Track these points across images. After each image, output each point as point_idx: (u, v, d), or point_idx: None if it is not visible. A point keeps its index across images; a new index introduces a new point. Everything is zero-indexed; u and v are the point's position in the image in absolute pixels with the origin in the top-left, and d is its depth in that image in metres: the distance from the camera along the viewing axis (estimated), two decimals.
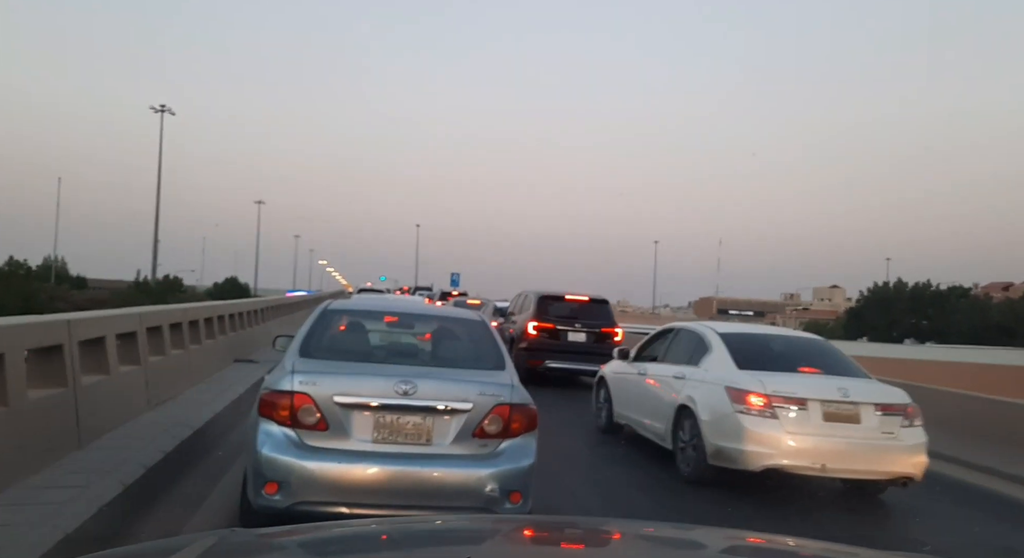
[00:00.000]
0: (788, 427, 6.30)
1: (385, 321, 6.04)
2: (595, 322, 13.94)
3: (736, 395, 6.55)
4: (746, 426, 6.38)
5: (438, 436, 4.39)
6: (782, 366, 7.00)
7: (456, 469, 4.34)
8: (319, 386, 4.33)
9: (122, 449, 5.70)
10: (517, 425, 4.51)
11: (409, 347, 5.86)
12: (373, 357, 5.16)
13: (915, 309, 66.78)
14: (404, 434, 4.37)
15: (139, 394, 7.21)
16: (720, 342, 7.32)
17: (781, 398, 6.38)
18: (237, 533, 1.75)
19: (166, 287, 57.29)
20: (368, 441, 4.31)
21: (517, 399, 4.55)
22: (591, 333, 13.79)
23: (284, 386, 4.34)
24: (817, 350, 7.62)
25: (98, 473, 4.99)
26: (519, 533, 1.94)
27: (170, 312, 8.93)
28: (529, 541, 1.87)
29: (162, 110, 55.16)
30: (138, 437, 6.20)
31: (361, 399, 4.34)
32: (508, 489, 4.37)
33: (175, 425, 6.78)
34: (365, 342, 5.41)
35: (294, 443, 4.26)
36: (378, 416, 4.34)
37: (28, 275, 50.19)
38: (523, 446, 4.52)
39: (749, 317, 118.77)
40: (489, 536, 1.89)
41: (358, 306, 6.22)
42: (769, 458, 6.30)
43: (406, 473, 4.27)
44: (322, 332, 5.12)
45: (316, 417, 4.29)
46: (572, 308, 14.16)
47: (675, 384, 7.48)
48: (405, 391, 4.35)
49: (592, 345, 13.59)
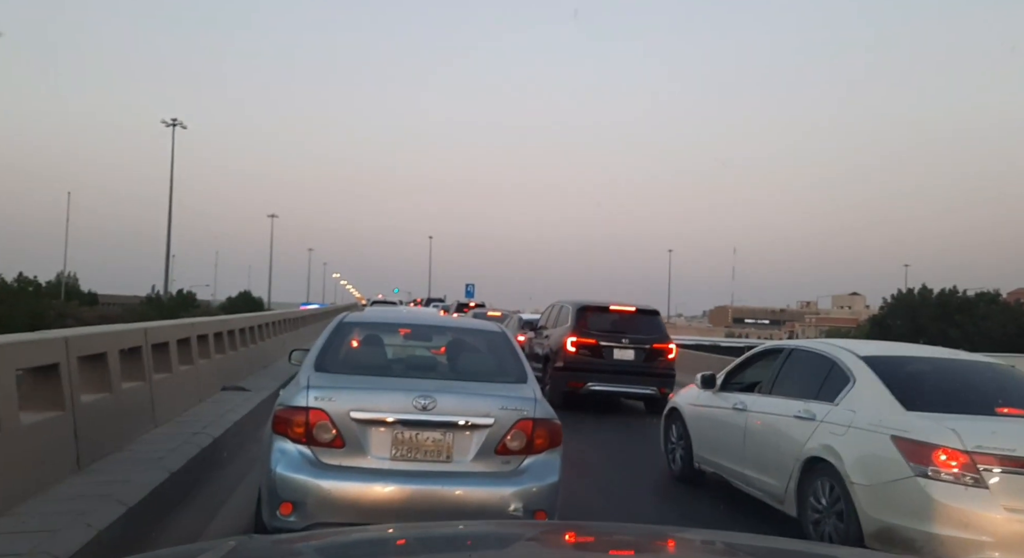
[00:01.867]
0: (1006, 501, 4.32)
1: (402, 333, 5.91)
2: (645, 336, 12.18)
3: (913, 450, 4.55)
4: (935, 498, 4.37)
5: (459, 453, 4.25)
6: (970, 406, 4.99)
7: (478, 487, 4.19)
8: (335, 402, 4.19)
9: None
10: (541, 441, 4.34)
11: (427, 360, 5.65)
12: (391, 371, 4.98)
13: (942, 316, 65.03)
14: (423, 451, 4.23)
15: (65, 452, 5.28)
16: (866, 369, 5.32)
17: (992, 457, 4.36)
18: (255, 539, 1.71)
19: (179, 303, 57.03)
20: (386, 458, 4.18)
21: (540, 414, 4.38)
22: (640, 349, 12.04)
23: (299, 402, 4.21)
24: (1010, 381, 5.51)
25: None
26: (541, 538, 1.93)
27: (118, 334, 6.68)
28: (552, 547, 1.85)
29: (174, 124, 55.30)
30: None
31: (379, 415, 4.21)
32: (533, 508, 4.20)
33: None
34: (382, 355, 5.24)
35: (310, 461, 4.13)
36: (396, 432, 4.21)
37: (37, 292, 49.87)
38: (548, 463, 4.35)
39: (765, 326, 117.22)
40: (509, 541, 1.87)
41: (374, 318, 6.07)
42: (978, 549, 4.29)
43: (426, 492, 4.12)
44: (338, 345, 4.95)
45: (332, 434, 4.15)
46: (617, 320, 12.39)
47: (798, 427, 5.51)
48: (424, 406, 4.21)
49: (642, 364, 11.99)
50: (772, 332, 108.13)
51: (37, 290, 50.61)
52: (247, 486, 5.84)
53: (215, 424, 7.44)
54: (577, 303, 12.62)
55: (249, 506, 4.86)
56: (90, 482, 4.89)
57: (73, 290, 62.39)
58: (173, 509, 5.20)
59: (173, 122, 55.22)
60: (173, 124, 55.14)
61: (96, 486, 4.81)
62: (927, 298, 67.55)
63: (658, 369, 12.04)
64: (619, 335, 12.11)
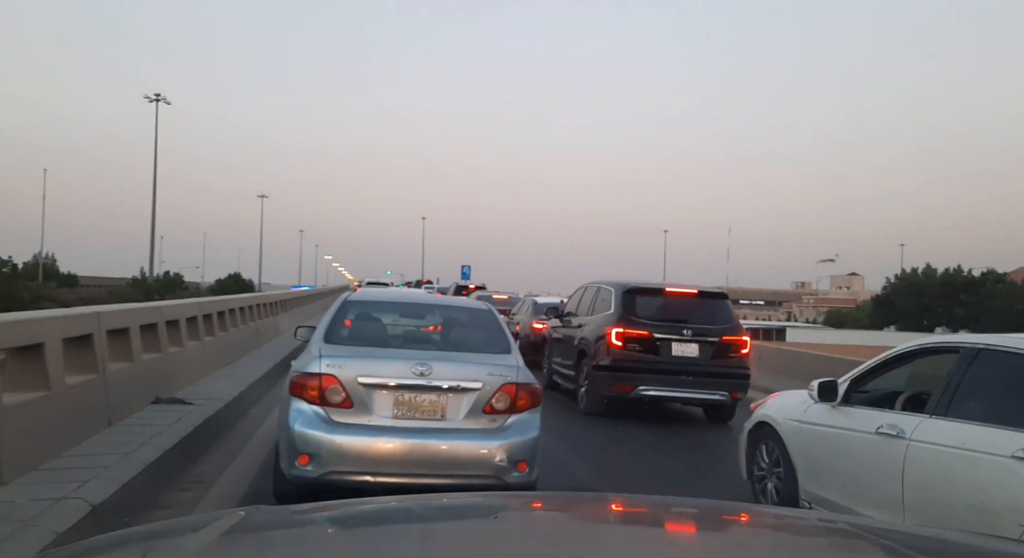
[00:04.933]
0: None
1: (400, 311, 6.49)
2: (711, 326, 9.65)
3: None
4: None
5: (452, 412, 4.83)
6: None
7: (468, 441, 4.80)
8: (344, 368, 4.78)
9: None
10: (523, 402, 4.93)
11: (423, 334, 6.21)
12: (391, 343, 5.52)
13: (947, 295, 63.85)
14: (421, 411, 4.80)
15: None
16: None
17: None
18: (262, 510, 1.77)
19: (165, 284, 55.54)
20: (389, 417, 4.75)
21: (522, 379, 4.99)
22: (706, 343, 9.52)
23: (313, 368, 4.78)
24: None
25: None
26: (542, 508, 2.00)
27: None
28: (552, 515, 1.91)
29: (157, 99, 54.02)
30: None
31: (382, 380, 4.78)
32: (515, 459, 4.80)
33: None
34: (383, 330, 5.77)
35: (323, 419, 4.69)
36: (397, 395, 4.79)
37: (13, 273, 48.12)
38: (528, 421, 4.95)
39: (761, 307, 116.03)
40: (514, 510, 1.91)
41: (375, 298, 6.67)
42: None
43: (423, 445, 4.73)
44: (344, 321, 5.52)
45: (342, 396, 4.72)
46: (675, 306, 9.89)
47: (1007, 469, 3.68)
48: (422, 372, 4.78)
49: (708, 361, 9.47)
50: (770, 313, 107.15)
51: (13, 272, 48.91)
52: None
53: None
54: (622, 285, 10.09)
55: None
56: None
57: (51, 271, 60.53)
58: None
59: (156, 97, 53.99)
60: (156, 99, 53.89)
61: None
62: (931, 278, 66.63)
63: (729, 368, 9.61)
64: (678, 325, 9.58)
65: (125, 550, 1.54)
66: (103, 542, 1.56)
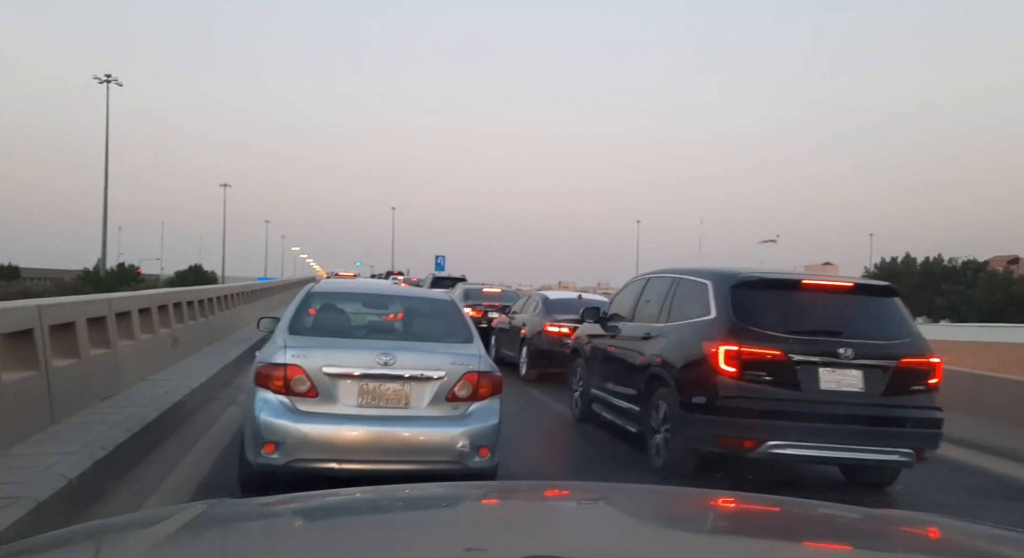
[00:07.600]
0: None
1: (363, 301, 6.68)
2: (881, 342, 6.10)
3: None
4: None
5: (415, 400, 4.99)
6: None
7: (432, 428, 4.96)
8: (309, 359, 4.87)
9: None
10: (484, 390, 5.12)
11: (387, 324, 6.44)
12: (355, 333, 5.66)
13: (927, 285, 63.26)
14: (385, 399, 4.95)
15: None
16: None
17: None
18: (226, 503, 1.72)
19: (119, 277, 52.53)
20: (354, 406, 4.89)
21: (484, 367, 5.18)
22: (875, 368, 5.97)
23: (278, 359, 4.87)
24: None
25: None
26: (509, 498, 2.00)
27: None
28: (516, 503, 1.91)
29: (108, 80, 51.10)
30: None
31: (347, 369, 4.90)
32: (477, 445, 4.97)
33: None
34: (347, 320, 5.88)
35: (288, 409, 4.79)
36: (362, 384, 4.92)
37: None
38: (489, 407, 5.13)
39: None
40: (477, 499, 1.94)
41: (339, 288, 6.87)
42: None
43: (388, 433, 4.88)
44: (308, 311, 5.63)
45: (307, 385, 4.83)
46: (818, 309, 6.30)
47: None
48: (385, 362, 4.93)
49: (880, 400, 5.97)
50: None
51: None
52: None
53: None
54: (729, 275, 6.43)
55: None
56: None
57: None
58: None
59: (107, 78, 51.28)
60: (107, 81, 51.08)
61: None
62: (911, 267, 66.31)
63: (912, 409, 6.04)
64: (829, 340, 5.99)
65: (73, 549, 1.42)
66: (47, 540, 1.44)
